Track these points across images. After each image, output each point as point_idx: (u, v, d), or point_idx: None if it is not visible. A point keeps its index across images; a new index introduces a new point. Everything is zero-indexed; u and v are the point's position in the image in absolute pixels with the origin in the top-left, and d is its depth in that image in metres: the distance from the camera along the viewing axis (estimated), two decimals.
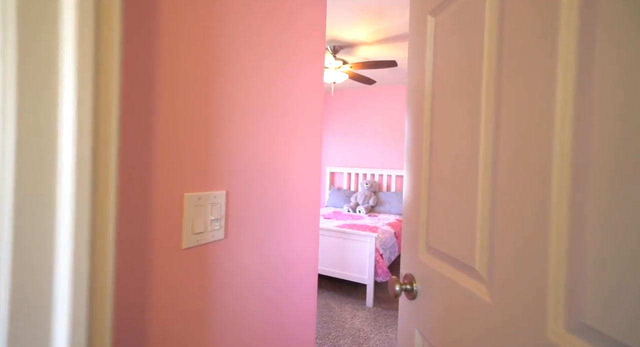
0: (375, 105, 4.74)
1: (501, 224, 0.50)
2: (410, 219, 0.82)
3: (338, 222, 3.55)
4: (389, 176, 4.63)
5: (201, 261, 0.66)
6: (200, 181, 0.66)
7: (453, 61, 0.65)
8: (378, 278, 2.66)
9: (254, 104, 0.80)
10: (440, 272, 0.67)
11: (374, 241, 2.67)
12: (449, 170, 0.65)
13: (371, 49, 3.11)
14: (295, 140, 0.98)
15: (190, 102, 0.62)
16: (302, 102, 1.01)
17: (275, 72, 0.87)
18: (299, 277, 1.04)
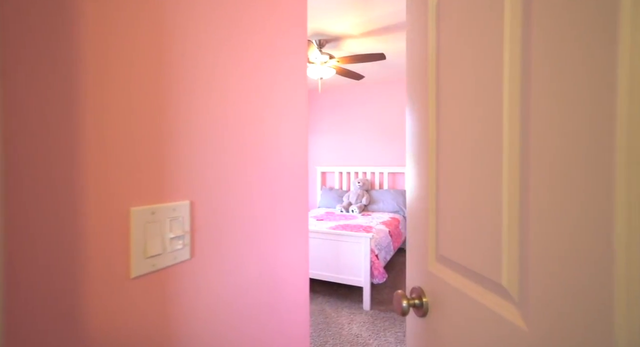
0: (364, 101, 4.64)
1: (538, 228, 0.39)
2: (415, 224, 0.71)
3: (331, 223, 3.43)
4: (381, 173, 4.54)
5: (160, 290, 0.54)
6: (154, 190, 0.53)
7: (464, 25, 0.53)
8: (374, 280, 2.55)
9: (226, 99, 0.67)
10: (455, 286, 0.55)
11: (369, 242, 2.56)
12: (463, 164, 0.53)
13: (358, 42, 2.99)
14: (277, 139, 0.86)
15: (138, 96, 0.49)
16: (284, 96, 0.88)
17: (250, 63, 0.74)
18: (289, 291, 0.92)
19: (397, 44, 3.05)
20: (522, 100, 0.41)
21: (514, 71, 0.42)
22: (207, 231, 0.64)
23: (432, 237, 0.64)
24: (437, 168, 0.62)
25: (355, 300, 2.71)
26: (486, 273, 0.48)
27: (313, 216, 3.89)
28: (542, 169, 0.38)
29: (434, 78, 0.64)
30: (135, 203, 0.50)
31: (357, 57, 2.76)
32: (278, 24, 0.86)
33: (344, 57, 2.79)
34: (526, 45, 0.40)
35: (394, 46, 3.10)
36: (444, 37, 0.60)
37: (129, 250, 0.49)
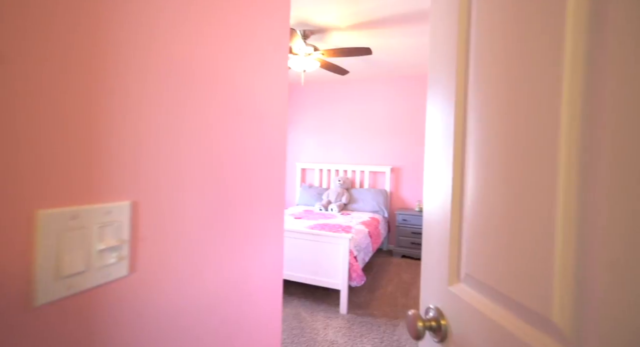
0: (348, 98, 4.55)
1: (605, 249, 0.29)
2: (433, 235, 0.61)
3: (309, 222, 3.32)
4: (362, 172, 4.47)
5: (80, 319, 0.41)
6: (77, 188, 0.40)
7: (509, 14, 0.44)
8: (352, 282, 2.47)
9: (184, 77, 0.54)
10: (483, 311, 0.46)
11: (348, 243, 2.47)
12: (502, 169, 0.44)
13: (344, 36, 2.89)
14: (254, 131, 0.74)
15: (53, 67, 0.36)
16: (259, 80, 0.76)
17: (217, 41, 0.62)
18: (260, 304, 0.80)
19: (384, 40, 2.97)
20: (586, 95, 0.31)
21: (577, 64, 0.33)
22: (156, 238, 0.51)
23: (455, 252, 0.55)
24: (466, 173, 0.52)
25: (332, 303, 2.62)
26: (528, 302, 0.38)
27: (291, 214, 3.77)
28: (613, 178, 0.28)
29: (463, 74, 0.54)
30: (45, 204, 0.36)
31: (343, 51, 2.65)
32: (256, 4, 0.73)
33: (329, 50, 2.68)
34: (594, 40, 0.31)
35: (381, 42, 3.02)
36: (481, 26, 0.50)
37: (31, 268, 0.35)
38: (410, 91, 4.21)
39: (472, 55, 0.52)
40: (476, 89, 0.50)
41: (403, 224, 3.90)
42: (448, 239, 0.56)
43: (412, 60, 3.56)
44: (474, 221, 0.50)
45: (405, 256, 3.94)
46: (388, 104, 4.34)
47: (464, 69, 0.54)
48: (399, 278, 3.24)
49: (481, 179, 0.48)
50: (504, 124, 0.43)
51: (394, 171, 4.31)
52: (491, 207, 0.46)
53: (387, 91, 4.33)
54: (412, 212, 3.92)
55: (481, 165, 0.48)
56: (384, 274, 3.34)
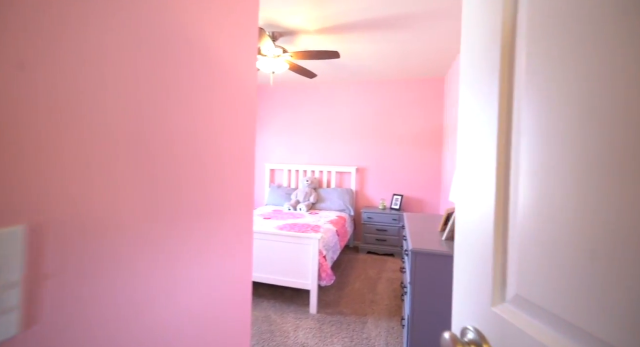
0: (315, 100, 4.44)
1: None
2: (469, 248, 0.50)
3: (278, 222, 3.17)
4: (329, 172, 4.38)
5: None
6: None
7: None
8: (322, 282, 2.36)
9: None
10: (542, 341, 0.36)
11: (317, 243, 2.36)
12: (585, 173, 0.33)
13: (313, 40, 2.77)
14: (217, 127, 0.59)
15: None
16: (225, 73, 0.61)
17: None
18: (223, 329, 0.66)
19: (350, 45, 2.89)
20: None
21: None
22: (72, 272, 0.35)
23: (499, 268, 0.45)
24: (515, 180, 0.42)
25: (302, 303, 2.50)
26: (611, 338, 0.28)
27: (260, 214, 3.58)
28: None
29: (507, 64, 0.44)
30: None
31: (311, 54, 2.53)
32: None
33: (298, 52, 2.54)
34: None
35: (348, 47, 2.94)
36: (537, 13, 0.40)
37: None
38: (374, 95, 4.19)
39: (521, 52, 0.42)
40: (531, 90, 0.40)
41: (368, 222, 3.87)
42: (491, 256, 0.46)
43: (376, 66, 3.53)
44: (530, 237, 0.40)
45: (371, 252, 3.91)
46: (353, 107, 4.29)
47: (509, 66, 0.44)
48: (365, 274, 3.19)
49: (546, 188, 0.38)
50: (585, 127, 0.33)
51: (359, 171, 4.27)
52: (561, 222, 0.35)
53: (353, 95, 4.28)
54: (376, 210, 3.90)
55: (544, 171, 0.38)
56: (351, 271, 3.27)
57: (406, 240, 2.18)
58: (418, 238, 1.80)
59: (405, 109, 4.07)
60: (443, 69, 3.57)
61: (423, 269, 1.57)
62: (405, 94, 4.07)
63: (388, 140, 4.15)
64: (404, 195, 4.08)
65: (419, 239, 1.79)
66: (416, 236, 1.85)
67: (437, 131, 3.95)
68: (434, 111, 3.96)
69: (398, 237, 3.77)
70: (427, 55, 3.11)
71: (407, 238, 1.97)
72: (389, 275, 3.18)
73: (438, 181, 3.96)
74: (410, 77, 3.95)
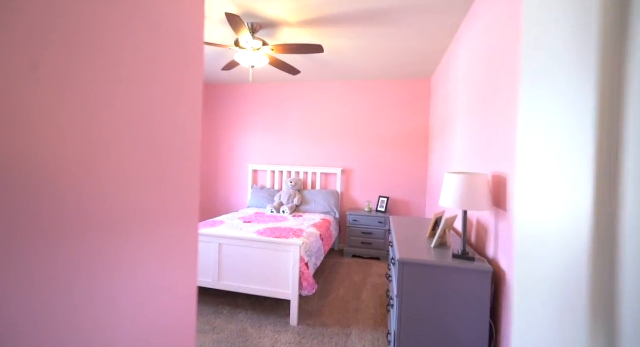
0: (299, 99, 4.28)
1: None
2: (544, 279, 0.36)
3: (258, 226, 2.99)
4: (313, 173, 4.23)
5: None
6: None
7: None
8: (303, 291, 2.20)
9: None
10: None
11: (298, 250, 2.20)
12: None
13: (295, 33, 2.60)
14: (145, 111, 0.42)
15: None
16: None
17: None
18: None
19: (335, 41, 2.74)
20: None
21: None
22: None
23: (601, 329, 0.29)
24: None
25: (282, 313, 2.33)
26: None
27: (240, 217, 3.39)
28: None
29: None
30: None
31: (293, 47, 2.37)
32: None
33: (279, 45, 2.38)
34: None
35: (332, 43, 2.79)
36: None
37: None
38: (360, 96, 4.07)
39: None
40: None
41: (353, 224, 3.74)
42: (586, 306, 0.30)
43: (361, 65, 3.40)
44: None
45: (356, 255, 3.78)
46: (339, 107, 4.15)
47: None
48: (350, 279, 3.05)
49: None
50: None
51: (345, 172, 4.14)
52: None
53: (339, 95, 4.14)
54: (362, 212, 3.77)
55: None
56: (335, 276, 3.12)
57: (392, 246, 2.06)
58: (405, 245, 1.67)
59: (391, 110, 3.97)
60: (429, 69, 3.48)
61: (411, 280, 1.44)
62: (391, 95, 3.96)
63: (374, 141, 4.03)
64: (390, 197, 3.97)
65: (407, 246, 1.66)
66: (403, 243, 1.72)
67: (423, 133, 3.87)
68: (420, 113, 3.87)
69: (384, 240, 3.65)
70: (414, 53, 3.00)
71: (394, 245, 1.84)
72: (375, 280, 3.05)
73: (424, 183, 3.87)
74: (396, 78, 3.85)
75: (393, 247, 1.97)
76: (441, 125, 3.03)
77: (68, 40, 0.32)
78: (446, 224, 1.65)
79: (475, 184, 1.39)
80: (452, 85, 2.62)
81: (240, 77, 4.16)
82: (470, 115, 1.98)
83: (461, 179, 1.40)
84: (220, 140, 4.61)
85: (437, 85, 3.36)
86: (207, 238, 2.37)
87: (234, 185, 4.56)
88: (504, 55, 1.41)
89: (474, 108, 1.89)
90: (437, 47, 2.82)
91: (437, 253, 1.55)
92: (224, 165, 4.61)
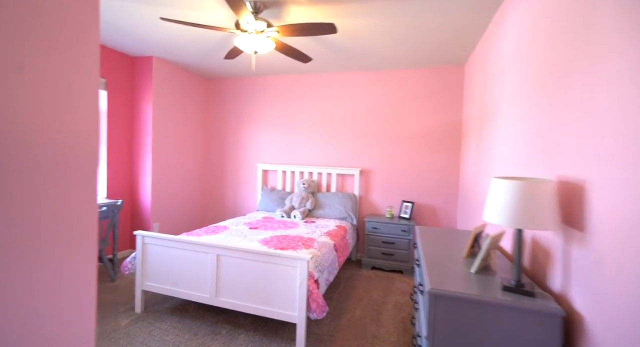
0: (313, 92, 3.99)
1: None
2: None
3: (265, 234, 2.72)
4: (329, 175, 3.92)
5: None
6: None
7: None
8: (312, 314, 1.91)
9: None
10: None
11: (306, 266, 1.90)
12: None
13: (304, 12, 2.31)
14: None
15: None
16: None
17: None
18: None
19: (351, 21, 2.43)
20: None
21: None
22: None
23: None
24: None
25: (288, 337, 2.05)
26: None
27: (246, 223, 3.14)
28: None
29: None
30: None
31: (301, 27, 2.08)
32: None
33: (285, 26, 2.09)
34: None
35: (349, 24, 2.47)
36: None
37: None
38: (382, 87, 3.71)
39: None
40: None
41: (373, 232, 3.39)
42: None
43: (382, 51, 3.05)
44: None
45: (376, 268, 3.44)
46: (357, 101, 3.82)
47: None
48: (368, 297, 2.72)
49: None
50: None
51: (364, 174, 3.80)
52: None
53: (357, 87, 3.81)
54: (383, 219, 3.43)
55: None
56: (351, 292, 2.81)
57: (419, 266, 1.71)
58: (437, 269, 1.33)
59: (417, 103, 3.59)
60: (463, 54, 3.08)
61: (447, 319, 1.11)
62: (417, 85, 3.58)
63: (397, 139, 3.67)
64: (415, 202, 3.59)
65: (439, 270, 1.32)
66: (434, 265, 1.38)
67: (454, 128, 3.46)
68: (451, 105, 3.47)
69: (407, 251, 3.29)
70: (445, 34, 2.62)
71: (422, 265, 1.50)
72: (397, 299, 2.70)
73: (455, 187, 3.46)
74: (423, 66, 3.47)
75: (421, 268, 1.63)
76: (478, 119, 2.63)
77: None
78: (491, 244, 1.30)
79: (536, 193, 1.03)
80: (494, 70, 2.23)
81: (246, 69, 3.92)
82: (523, 104, 1.60)
83: (516, 187, 1.05)
84: (227, 138, 4.41)
85: (473, 73, 2.96)
86: (203, 248, 2.12)
87: (242, 186, 4.34)
88: (596, 7, 1.04)
89: (530, 94, 1.51)
90: (473, 26, 2.43)
91: (480, 282, 1.20)
92: (232, 166, 4.40)
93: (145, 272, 2.29)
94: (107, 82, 3.30)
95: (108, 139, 3.35)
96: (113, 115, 3.40)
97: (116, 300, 2.49)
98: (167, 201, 3.83)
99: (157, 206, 3.65)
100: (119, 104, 3.46)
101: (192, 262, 2.17)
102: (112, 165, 3.42)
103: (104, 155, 3.34)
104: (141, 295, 2.31)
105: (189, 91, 4.10)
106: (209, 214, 4.51)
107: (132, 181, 3.64)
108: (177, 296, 2.20)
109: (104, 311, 2.31)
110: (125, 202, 3.58)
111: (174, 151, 3.90)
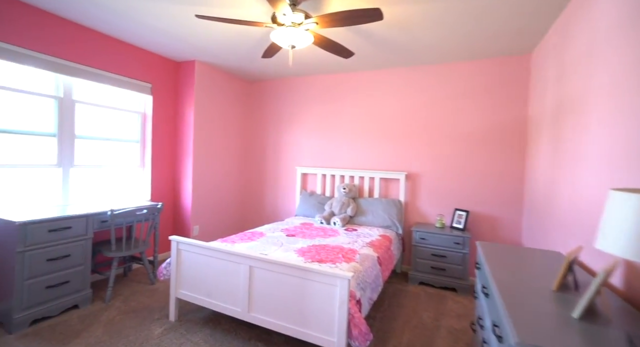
0: (355, 91, 3.73)
1: None
2: None
3: (303, 242, 2.52)
4: (371, 179, 3.63)
5: None
6: None
7: None
8: (353, 342, 1.65)
9: None
10: None
11: (347, 285, 1.65)
12: None
13: (346, 2, 2.07)
14: None
15: None
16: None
17: None
18: None
19: (397, 9, 2.14)
20: None
21: None
22: None
23: None
24: None
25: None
26: None
27: (283, 229, 2.97)
28: None
29: None
30: None
31: (342, 16, 1.84)
32: None
33: (325, 16, 1.87)
34: None
35: (394, 12, 2.19)
36: None
37: None
38: (430, 83, 3.35)
39: None
40: None
41: (421, 244, 3.03)
42: None
43: (432, 42, 2.71)
44: None
45: (424, 283, 3.07)
46: (402, 99, 3.48)
47: None
48: (417, 318, 2.39)
49: None
50: None
51: (410, 178, 3.45)
52: None
53: (403, 83, 3.48)
54: (432, 229, 3.05)
55: None
56: (397, 311, 2.49)
57: (489, 296, 1.37)
58: (520, 308, 1.01)
59: (471, 99, 3.16)
60: (530, 42, 2.62)
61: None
62: (472, 80, 3.16)
63: (448, 139, 3.27)
64: (470, 211, 3.16)
65: (522, 309, 0.99)
66: (515, 302, 1.05)
67: (518, 127, 2.98)
68: (513, 100, 2.99)
69: (462, 266, 2.88)
70: (507, 21, 2.22)
71: (494, 297, 1.17)
72: (452, 323, 2.33)
73: (519, 194, 2.97)
74: (479, 58, 3.04)
75: (491, 300, 1.30)
76: (554, 115, 2.18)
77: None
78: (603, 280, 0.94)
79: None
80: (577, 56, 1.80)
81: (285, 70, 3.78)
82: (625, 96, 1.21)
83: None
84: (266, 141, 4.32)
85: (544, 63, 2.49)
86: (236, 258, 1.97)
87: (281, 190, 4.21)
88: None
89: (638, 83, 1.12)
90: (546, 7, 2.01)
91: (591, 335, 0.86)
92: (271, 169, 4.29)
93: (179, 279, 2.20)
94: (152, 87, 3.36)
95: (153, 143, 3.40)
96: (158, 120, 3.45)
97: (152, 305, 2.45)
98: (207, 204, 3.81)
99: (197, 208, 3.65)
100: (164, 109, 3.51)
101: (224, 272, 2.03)
102: (156, 168, 3.47)
103: (149, 159, 3.40)
104: (175, 303, 2.23)
105: (229, 94, 4.08)
106: (248, 218, 4.45)
107: (174, 184, 3.68)
108: (208, 307, 2.07)
109: (140, 316, 2.26)
110: (168, 205, 3.62)
111: (214, 155, 3.89)
